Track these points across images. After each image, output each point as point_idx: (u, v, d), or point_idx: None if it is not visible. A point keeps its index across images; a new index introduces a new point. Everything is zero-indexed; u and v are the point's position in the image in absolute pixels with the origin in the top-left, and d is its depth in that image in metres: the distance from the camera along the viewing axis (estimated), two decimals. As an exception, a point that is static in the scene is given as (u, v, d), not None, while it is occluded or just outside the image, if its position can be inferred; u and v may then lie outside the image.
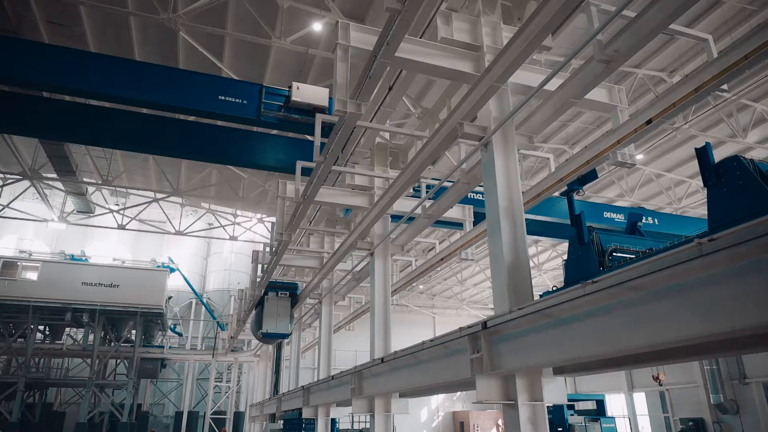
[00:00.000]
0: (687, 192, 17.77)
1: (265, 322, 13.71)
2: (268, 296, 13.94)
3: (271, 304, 13.90)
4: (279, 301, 14.01)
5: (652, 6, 4.51)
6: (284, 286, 14.42)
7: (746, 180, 3.26)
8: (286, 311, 14.09)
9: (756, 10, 10.50)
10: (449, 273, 27.99)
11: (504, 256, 4.93)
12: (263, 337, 14.07)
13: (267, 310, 13.85)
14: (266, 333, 13.74)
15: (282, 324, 13.90)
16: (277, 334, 14.01)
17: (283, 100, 9.31)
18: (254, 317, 14.86)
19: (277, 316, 13.81)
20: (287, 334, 14.38)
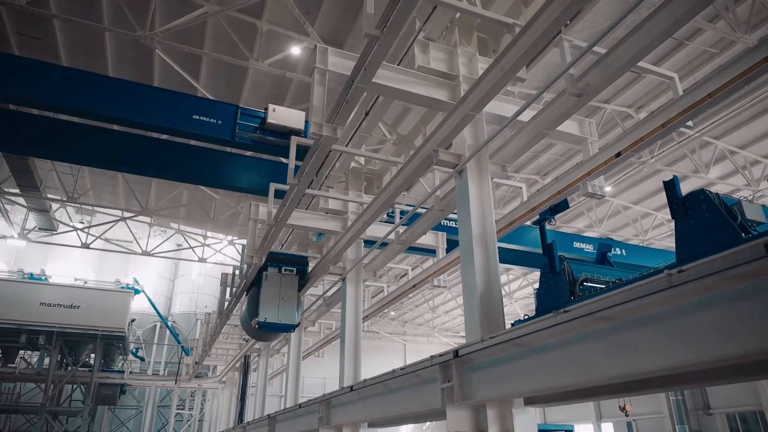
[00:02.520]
0: (653, 224, 18.25)
1: (263, 307, 9.59)
2: (268, 273, 9.89)
3: (271, 283, 9.83)
4: (283, 280, 9.91)
5: (621, 44, 4.66)
6: (290, 259, 10.31)
7: (712, 213, 3.34)
8: (292, 294, 9.94)
9: (717, 53, 11.00)
10: (421, 300, 27.91)
11: (476, 283, 4.92)
12: (259, 329, 9.72)
13: (266, 291, 9.73)
14: (264, 323, 9.52)
15: (286, 311, 9.79)
16: (278, 325, 9.77)
17: (258, 122, 9.26)
18: (246, 303, 10.52)
19: (280, 300, 9.77)
20: (292, 326, 10.01)
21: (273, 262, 9.96)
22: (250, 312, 10.05)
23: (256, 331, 9.83)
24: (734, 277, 2.32)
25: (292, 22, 10.01)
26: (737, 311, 2.31)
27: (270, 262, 9.89)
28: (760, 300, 2.20)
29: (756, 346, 2.21)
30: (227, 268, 17.85)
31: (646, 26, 4.43)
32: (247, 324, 10.21)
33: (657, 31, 4.32)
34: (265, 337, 11.59)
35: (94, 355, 22.29)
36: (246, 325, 10.38)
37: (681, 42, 10.78)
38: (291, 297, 9.92)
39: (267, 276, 9.80)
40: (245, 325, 10.44)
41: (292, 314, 9.85)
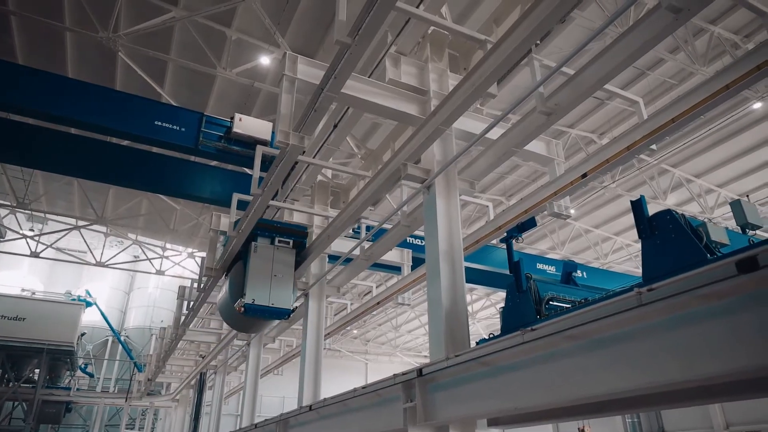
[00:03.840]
0: (613, 248, 18.67)
1: (251, 286, 7.57)
2: (257, 244, 7.85)
3: (261, 257, 7.79)
4: (276, 254, 7.91)
5: (589, 66, 4.72)
6: (286, 229, 8.25)
7: (678, 233, 3.34)
8: (286, 271, 7.95)
9: (676, 84, 11.42)
10: (384, 318, 27.69)
11: (442, 300, 4.82)
12: (245, 314, 7.54)
13: (255, 266, 7.71)
14: (251, 306, 7.47)
15: (279, 292, 7.71)
16: (269, 309, 7.60)
17: (223, 131, 9.04)
18: (227, 283, 8.28)
19: (273, 279, 7.71)
20: (286, 312, 7.82)
21: (264, 232, 7.87)
22: (232, 293, 7.76)
23: (239, 317, 7.68)
24: (705, 296, 2.29)
25: (263, 32, 9.88)
26: (708, 331, 2.27)
27: (259, 231, 7.83)
28: (732, 320, 2.16)
29: (728, 367, 2.16)
30: (186, 281, 17.31)
31: (612, 50, 4.50)
32: (227, 309, 7.98)
33: (623, 55, 4.39)
34: (250, 326, 8.65)
35: (39, 370, 21.12)
36: (226, 311, 8.11)
37: (643, 71, 11.14)
38: (286, 275, 7.80)
39: (256, 248, 7.67)
40: (225, 311, 8.21)
41: (287, 296, 7.67)
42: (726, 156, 14.14)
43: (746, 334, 2.10)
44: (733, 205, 3.89)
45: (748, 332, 2.09)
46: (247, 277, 7.61)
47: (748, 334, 2.09)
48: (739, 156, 14.04)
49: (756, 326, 2.06)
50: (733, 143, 13.57)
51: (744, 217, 3.79)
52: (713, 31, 10.04)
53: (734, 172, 14.76)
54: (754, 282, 2.10)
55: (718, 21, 9.97)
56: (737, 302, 2.16)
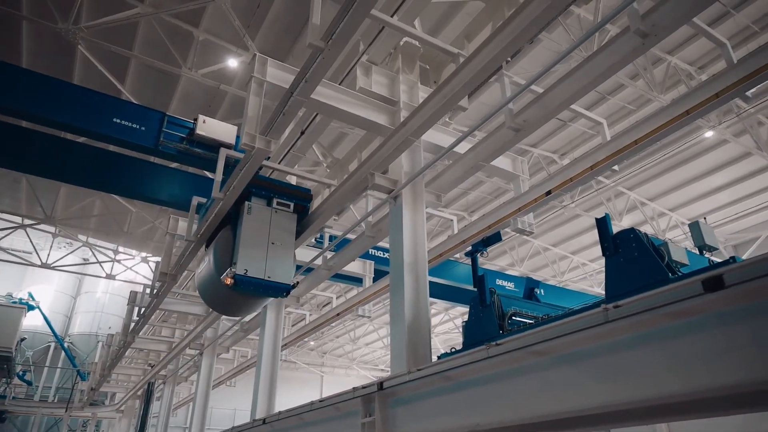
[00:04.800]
0: (570, 267, 19.09)
1: (243, 254, 6.03)
2: (252, 205, 6.41)
3: (257, 220, 6.36)
4: (274, 218, 6.46)
5: (558, 85, 4.81)
6: (287, 189, 6.83)
7: (641, 252, 3.39)
8: (287, 239, 6.46)
9: (634, 110, 11.84)
10: (342, 330, 27.40)
11: (405, 313, 4.76)
12: (235, 287, 5.95)
13: (248, 230, 6.23)
14: (243, 278, 5.90)
15: (278, 263, 6.20)
16: (265, 283, 6.04)
17: (186, 132, 8.76)
18: (211, 252, 6.56)
19: (269, 246, 6.25)
20: (286, 287, 6.19)
21: (260, 191, 6.48)
22: (218, 263, 6.21)
23: (224, 293, 6.19)
24: (671, 314, 2.30)
25: (232, 34, 9.69)
26: (673, 349, 2.28)
27: (254, 190, 6.42)
28: (697, 338, 2.18)
29: (693, 385, 2.17)
30: (138, 286, 16.67)
31: (581, 71, 4.59)
32: (210, 284, 6.39)
33: (591, 76, 4.49)
34: (237, 305, 6.78)
35: (-28, 376, 19.88)
36: (208, 287, 6.50)
37: (604, 96, 11.50)
38: (285, 243, 6.33)
39: (250, 208, 6.28)
40: (206, 287, 6.57)
41: (287, 269, 6.15)
42: (678, 181, 14.73)
43: (712, 353, 2.12)
44: (692, 227, 3.99)
45: (714, 351, 2.11)
46: (239, 242, 6.01)
47: (714, 353, 2.11)
48: (690, 182, 14.64)
49: (722, 345, 2.08)
50: (684, 169, 14.14)
51: (702, 239, 3.90)
52: (670, 61, 10.48)
53: (685, 197, 15.38)
54: (719, 301, 2.12)
55: (675, 51, 10.41)
56: (703, 321, 2.17)
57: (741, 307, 2.04)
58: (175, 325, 16.20)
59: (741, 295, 2.04)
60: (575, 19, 9.36)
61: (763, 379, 1.91)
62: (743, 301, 2.04)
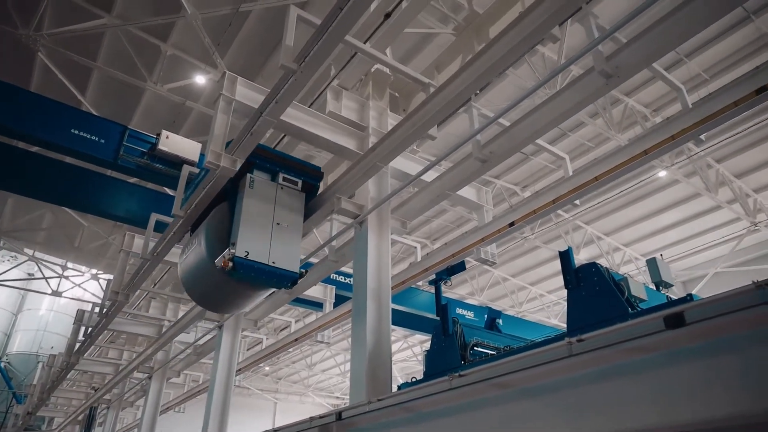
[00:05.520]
0: (528, 297, 19.36)
1: (243, 233, 4.98)
2: (254, 178, 5.38)
3: (260, 196, 5.36)
4: (280, 195, 5.50)
5: (525, 119, 4.93)
6: (295, 164, 5.76)
7: (602, 286, 3.45)
8: (294, 221, 5.47)
9: (593, 147, 12.28)
10: (299, 356, 26.83)
11: (367, 340, 4.68)
12: (232, 272, 4.79)
13: (250, 207, 5.21)
14: (243, 261, 4.82)
15: (285, 248, 5.20)
16: (269, 269, 4.97)
17: (147, 147, 8.54)
18: (205, 231, 5.46)
19: (274, 227, 5.27)
20: (292, 276, 5.12)
21: (263, 162, 5.49)
22: (210, 245, 5.23)
23: (218, 279, 5.10)
24: (633, 349, 2.33)
25: (201, 51, 9.59)
26: (635, 385, 2.30)
27: (258, 161, 5.42)
28: (659, 374, 2.20)
29: (655, 421, 2.18)
30: (86, 304, 15.91)
31: (547, 107, 4.73)
32: (198, 270, 5.35)
33: (557, 112, 4.62)
34: (229, 298, 5.59)
35: None
36: (194, 275, 5.45)
37: (565, 132, 11.90)
38: (292, 225, 5.36)
39: (252, 182, 5.32)
40: (193, 274, 5.48)
41: (293, 254, 5.19)
42: (632, 218, 15.27)
43: (673, 389, 2.14)
44: (650, 263, 4.10)
45: (675, 388, 2.13)
46: (239, 220, 5.04)
47: (675, 390, 2.13)
48: (644, 219, 15.20)
49: (683, 382, 2.10)
50: (638, 207, 14.69)
51: (659, 275, 4.00)
52: (627, 103, 10.96)
53: (638, 234, 15.93)
54: (680, 338, 2.16)
55: (632, 94, 10.90)
56: (664, 357, 2.20)
57: (701, 345, 2.08)
58: (123, 347, 15.50)
59: (701, 333, 2.08)
60: (540, 57, 9.70)
61: (723, 416, 1.94)
62: (703, 338, 2.08)
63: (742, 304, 1.94)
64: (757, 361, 1.88)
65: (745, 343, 1.93)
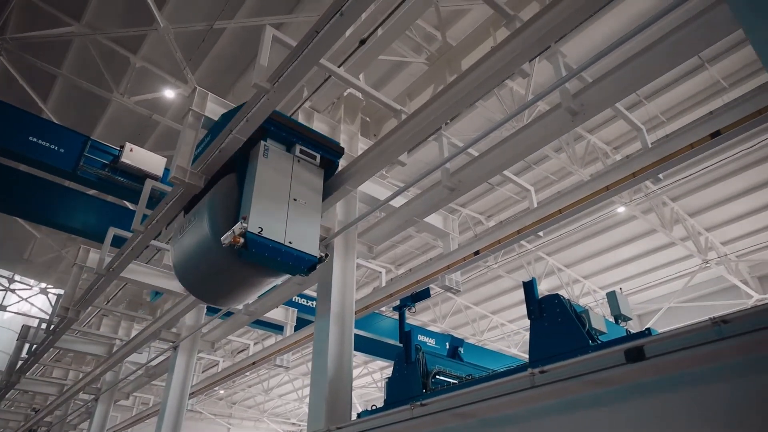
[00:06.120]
0: (489, 326, 19.49)
1: (256, 207, 4.24)
2: (267, 147, 4.66)
3: (274, 166, 4.63)
4: (296, 169, 4.78)
5: (493, 150, 5.03)
6: (314, 136, 5.10)
7: (564, 318, 3.49)
8: (313, 198, 4.78)
9: (556, 180, 12.62)
10: (255, 380, 26.11)
11: (328, 366, 4.59)
12: (242, 252, 4.03)
13: (263, 177, 4.48)
14: (256, 238, 4.06)
15: (302, 227, 4.47)
16: (282, 249, 4.22)
17: (110, 159, 8.32)
18: (208, 206, 4.66)
19: (291, 204, 4.53)
20: (310, 261, 4.40)
21: (279, 131, 4.81)
22: (217, 220, 4.50)
23: (223, 260, 4.36)
24: (595, 381, 2.35)
25: (172, 65, 9.47)
26: (595, 416, 2.32)
27: (274, 128, 4.76)
28: (618, 407, 2.23)
29: (614, 455, 2.20)
30: (32, 320, 15.12)
31: (515, 139, 4.84)
32: (197, 251, 4.57)
33: (524, 145, 4.73)
34: (233, 286, 4.78)
35: None
36: (192, 257, 4.65)
37: (530, 165, 12.20)
38: (311, 204, 4.71)
39: (267, 150, 4.65)
40: (191, 257, 4.66)
41: (312, 236, 4.54)
42: (592, 251, 15.66)
43: (634, 423, 2.16)
44: (610, 297, 4.19)
45: (636, 421, 2.16)
46: (252, 192, 4.33)
47: (636, 423, 2.15)
48: (602, 253, 15.62)
49: (643, 415, 2.13)
50: (598, 240, 15.10)
51: (618, 308, 4.09)
52: (590, 140, 11.34)
53: (597, 267, 16.34)
54: (640, 372, 2.19)
55: (595, 131, 11.30)
56: (625, 390, 2.23)
57: (661, 379, 2.12)
58: (70, 366, 14.77)
59: (661, 367, 2.12)
60: (508, 91, 9.97)
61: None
62: (662, 372, 2.12)
63: (700, 340, 1.99)
64: (715, 396, 1.93)
65: (702, 378, 1.98)
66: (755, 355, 1.88)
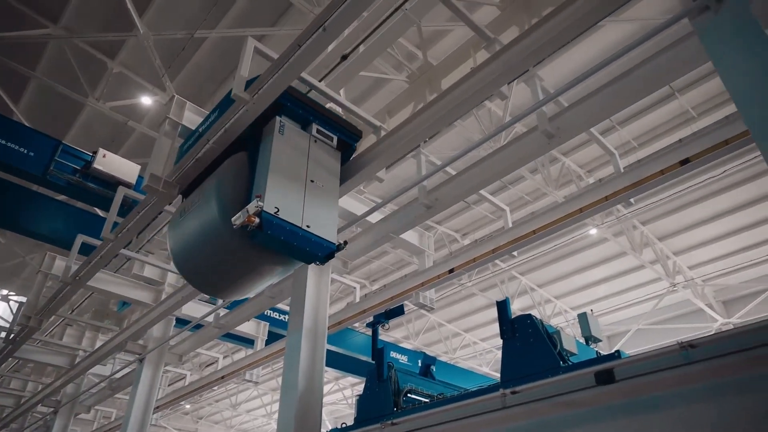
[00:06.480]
0: (461, 344, 19.50)
1: (272, 185, 3.86)
2: (283, 123, 4.30)
3: (290, 144, 4.27)
4: (313, 150, 4.43)
5: (471, 169, 5.08)
6: (332, 116, 4.80)
7: (536, 338, 3.51)
8: (331, 182, 4.44)
9: (531, 201, 12.80)
10: (223, 394, 25.53)
11: (299, 381, 4.52)
12: (256, 234, 3.66)
13: (279, 154, 4.10)
14: (272, 219, 3.70)
15: (320, 211, 4.14)
16: (299, 233, 3.87)
17: (81, 165, 8.14)
18: (216, 186, 4.27)
19: (308, 185, 4.18)
20: (328, 248, 4.07)
21: (295, 107, 4.49)
22: (226, 200, 4.15)
23: (232, 243, 3.99)
24: (565, 403, 2.36)
25: (150, 72, 9.35)
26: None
27: (290, 103, 4.45)
28: (588, 428, 2.24)
29: (583, 478, 2.20)
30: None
31: (492, 160, 4.91)
32: (203, 234, 4.18)
33: (501, 165, 4.80)
34: (241, 273, 4.32)
35: None
36: (196, 241, 4.25)
37: (506, 185, 12.36)
38: (329, 187, 4.38)
39: (283, 127, 4.29)
40: (195, 241, 4.27)
41: (331, 223, 4.21)
42: (564, 272, 15.87)
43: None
44: (581, 318, 4.24)
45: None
46: (267, 169, 3.95)
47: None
48: (574, 274, 15.84)
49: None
50: (570, 261, 15.31)
51: (589, 330, 4.13)
52: (565, 162, 11.56)
53: (569, 287, 16.54)
54: (610, 394, 2.21)
55: (569, 154, 11.52)
56: (594, 412, 2.25)
57: (629, 401, 2.14)
58: (29, 377, 14.22)
59: (630, 390, 2.14)
60: (486, 111, 10.12)
61: (647, 475, 1.98)
62: (631, 395, 2.14)
63: (668, 364, 2.02)
64: (683, 419, 1.95)
65: (671, 401, 2.00)
66: (721, 379, 1.92)
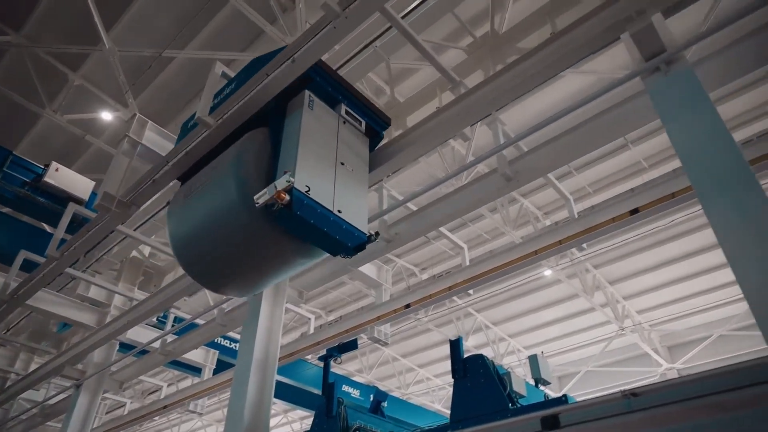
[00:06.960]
0: (415, 379, 19.34)
1: (302, 160, 3.38)
2: (311, 99, 3.83)
3: (319, 122, 3.80)
4: (342, 131, 3.97)
5: (432, 206, 5.16)
6: (361, 99, 4.25)
7: (487, 379, 3.53)
8: (360, 167, 4.00)
9: (489, 239, 13.03)
10: (165, 424, 24.35)
11: (245, 414, 4.36)
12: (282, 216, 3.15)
13: (308, 130, 3.62)
14: (303, 198, 3.21)
15: (351, 197, 3.67)
16: (330, 217, 3.38)
17: (32, 177, 7.84)
18: (232, 163, 3.71)
19: (338, 168, 3.71)
20: (359, 238, 3.61)
21: (324, 83, 4.03)
22: (245, 177, 3.62)
23: (251, 226, 3.46)
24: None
25: (113, 87, 9.17)
26: (511, 484, 2.32)
27: (317, 77, 3.96)
28: (533, 475, 2.24)
29: None
30: None
31: (452, 198, 4.99)
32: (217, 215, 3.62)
33: (461, 205, 4.89)
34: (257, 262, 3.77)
35: None
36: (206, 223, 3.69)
37: (465, 222, 12.56)
38: (359, 173, 3.98)
39: (312, 103, 3.85)
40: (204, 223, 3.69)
41: (362, 210, 3.80)
42: (518, 311, 16.10)
43: (546, 492, 2.18)
44: (531, 360, 4.29)
45: (548, 491, 2.17)
46: (297, 144, 3.49)
47: (548, 493, 2.17)
48: (527, 313, 16.09)
49: (555, 485, 2.15)
50: (524, 301, 15.57)
51: (539, 372, 4.18)
52: (523, 203, 11.87)
53: (522, 327, 16.77)
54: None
55: (527, 196, 11.85)
56: (540, 458, 2.26)
57: (573, 448, 2.16)
58: None
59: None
60: (450, 149, 10.34)
61: None
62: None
63: (611, 411, 2.06)
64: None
65: (612, 451, 2.03)
66: (663, 428, 1.96)
